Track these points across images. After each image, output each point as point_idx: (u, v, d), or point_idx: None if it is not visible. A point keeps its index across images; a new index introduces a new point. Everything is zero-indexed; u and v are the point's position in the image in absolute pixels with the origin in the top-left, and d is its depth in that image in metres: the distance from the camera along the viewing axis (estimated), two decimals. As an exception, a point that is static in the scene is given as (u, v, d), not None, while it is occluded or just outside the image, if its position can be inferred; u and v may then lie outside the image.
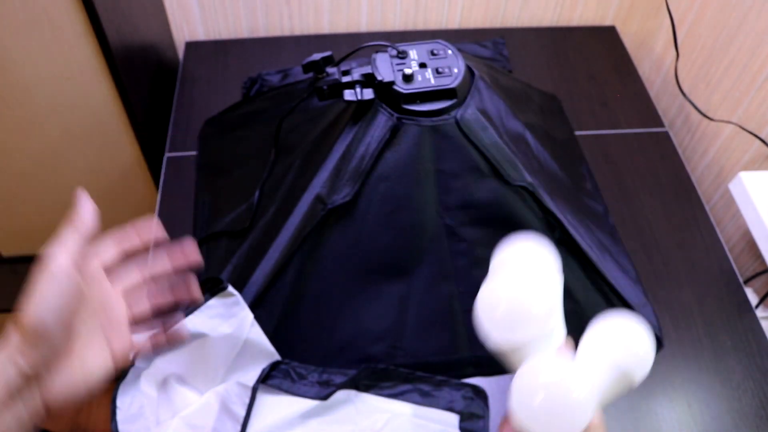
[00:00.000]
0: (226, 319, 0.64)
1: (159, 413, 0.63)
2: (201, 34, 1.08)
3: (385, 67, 0.63)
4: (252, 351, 0.65)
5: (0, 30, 0.71)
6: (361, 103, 0.63)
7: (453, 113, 0.62)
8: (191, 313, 0.63)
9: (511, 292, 0.46)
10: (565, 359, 0.45)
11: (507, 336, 0.45)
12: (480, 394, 0.67)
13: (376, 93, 0.62)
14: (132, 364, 0.61)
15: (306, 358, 0.67)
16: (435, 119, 0.61)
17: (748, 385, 0.70)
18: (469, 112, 0.62)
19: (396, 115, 0.62)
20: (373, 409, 0.65)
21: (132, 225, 0.51)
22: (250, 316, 0.64)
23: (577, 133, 0.93)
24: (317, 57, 0.63)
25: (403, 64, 0.63)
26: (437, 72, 0.62)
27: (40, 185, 0.93)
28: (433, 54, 0.64)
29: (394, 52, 0.64)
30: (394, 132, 0.62)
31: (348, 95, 0.62)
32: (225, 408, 0.64)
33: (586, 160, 0.88)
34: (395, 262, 0.66)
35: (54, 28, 0.73)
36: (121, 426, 0.59)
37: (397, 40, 0.66)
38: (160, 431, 0.62)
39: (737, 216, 0.92)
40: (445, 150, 0.62)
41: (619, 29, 1.12)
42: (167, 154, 0.89)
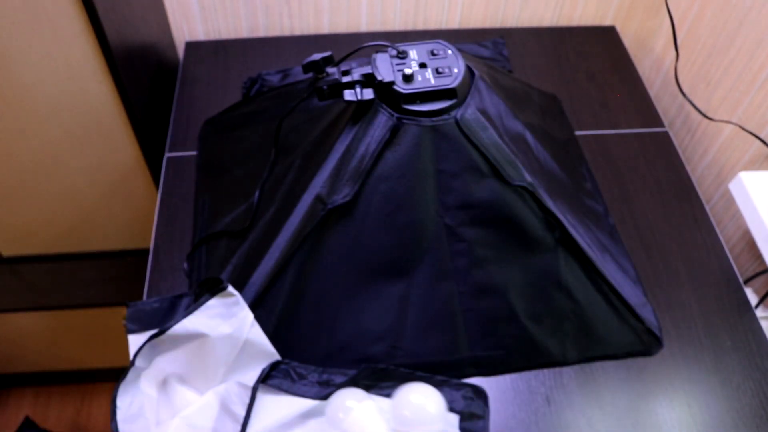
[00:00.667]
0: (227, 319, 0.64)
1: (159, 413, 0.63)
2: (201, 34, 1.08)
3: (385, 67, 0.63)
4: (252, 351, 0.65)
5: (0, 30, 0.71)
6: (361, 103, 0.63)
7: (453, 113, 0.62)
8: (191, 313, 0.63)
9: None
10: None
11: None
12: (480, 394, 0.67)
13: (376, 93, 0.62)
14: (132, 364, 0.61)
15: (306, 357, 0.67)
16: (435, 119, 0.61)
17: (748, 385, 0.70)
18: (469, 112, 0.62)
19: (396, 115, 0.62)
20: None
21: None
22: (251, 316, 0.64)
23: (577, 133, 0.93)
24: (317, 57, 0.63)
25: (403, 64, 0.63)
26: (437, 72, 0.62)
27: (40, 185, 0.93)
28: (433, 54, 0.64)
29: (394, 52, 0.64)
30: (394, 132, 0.62)
31: (348, 95, 0.62)
32: (225, 408, 0.64)
33: (586, 160, 0.88)
34: (395, 262, 0.66)
35: (54, 28, 0.73)
36: (121, 426, 0.59)
37: (397, 40, 0.66)
38: (160, 430, 0.62)
39: (737, 216, 0.92)
40: (445, 150, 0.62)
41: (619, 29, 1.12)
42: (167, 154, 0.89)
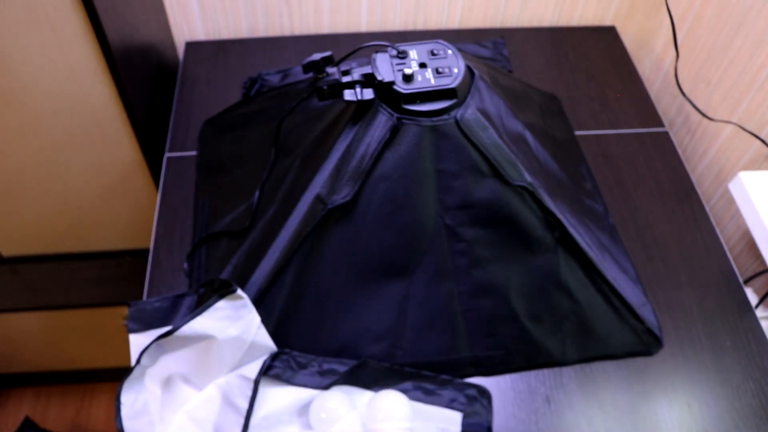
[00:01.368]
0: (234, 321, 0.63)
1: (163, 410, 0.63)
2: (201, 34, 1.08)
3: (385, 67, 0.63)
4: (257, 353, 0.65)
5: (0, 30, 0.71)
6: (361, 103, 0.63)
7: (453, 113, 0.62)
8: (200, 314, 0.63)
9: None
10: None
11: None
12: (483, 393, 0.67)
13: (376, 93, 0.62)
14: (138, 362, 0.61)
15: (311, 351, 0.67)
16: (435, 119, 0.61)
17: (748, 385, 0.70)
18: (469, 112, 0.62)
19: (396, 115, 0.62)
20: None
21: None
22: (257, 318, 0.64)
23: (577, 133, 0.93)
24: (317, 57, 0.63)
25: (403, 64, 0.63)
26: (437, 72, 0.62)
27: (40, 185, 0.93)
28: (433, 54, 0.64)
29: (394, 52, 0.64)
30: (394, 132, 0.62)
31: (348, 95, 0.62)
32: (227, 401, 0.64)
33: (586, 160, 0.88)
34: (395, 262, 0.66)
35: (54, 28, 0.73)
36: (125, 422, 0.60)
37: (397, 40, 0.66)
38: (164, 427, 0.62)
39: (737, 216, 0.92)
40: (445, 150, 0.62)
41: (619, 29, 1.12)
42: (167, 154, 0.89)
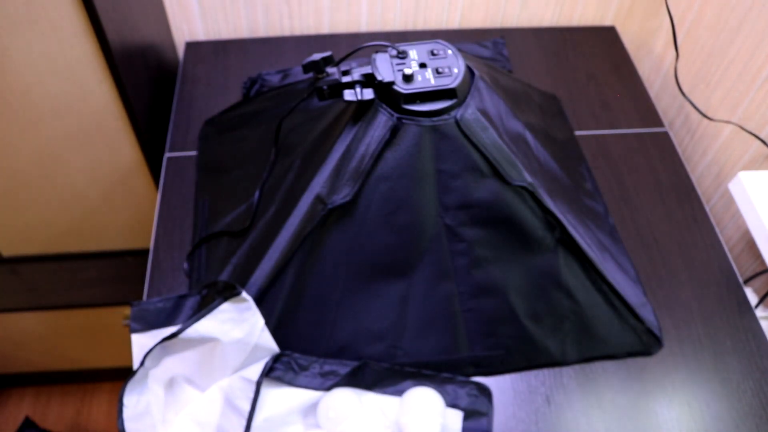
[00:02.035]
0: (238, 324, 0.63)
1: (165, 412, 0.63)
2: (201, 34, 1.08)
3: (385, 67, 0.63)
4: (260, 355, 0.65)
5: (0, 30, 0.71)
6: (361, 103, 0.63)
7: (453, 113, 0.62)
8: (203, 317, 0.63)
9: None
10: None
11: None
12: (484, 391, 0.67)
13: (376, 93, 0.62)
14: (141, 363, 0.61)
15: (313, 349, 0.67)
16: (435, 119, 0.61)
17: (748, 385, 0.70)
18: (469, 112, 0.62)
19: (396, 115, 0.62)
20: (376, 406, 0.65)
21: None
22: (261, 321, 0.64)
23: (577, 133, 0.93)
24: (317, 57, 0.63)
25: (403, 64, 0.63)
26: (437, 72, 0.62)
27: (40, 185, 0.93)
28: (433, 54, 0.64)
29: (394, 52, 0.64)
30: (394, 132, 0.62)
31: (348, 95, 0.62)
32: (229, 403, 0.64)
33: (586, 159, 0.88)
34: (395, 262, 0.66)
35: (54, 28, 0.73)
36: (127, 424, 0.59)
37: (397, 40, 0.66)
38: (166, 429, 0.62)
39: (737, 216, 0.92)
40: (445, 150, 0.62)
41: (619, 29, 1.12)
42: (167, 154, 0.89)
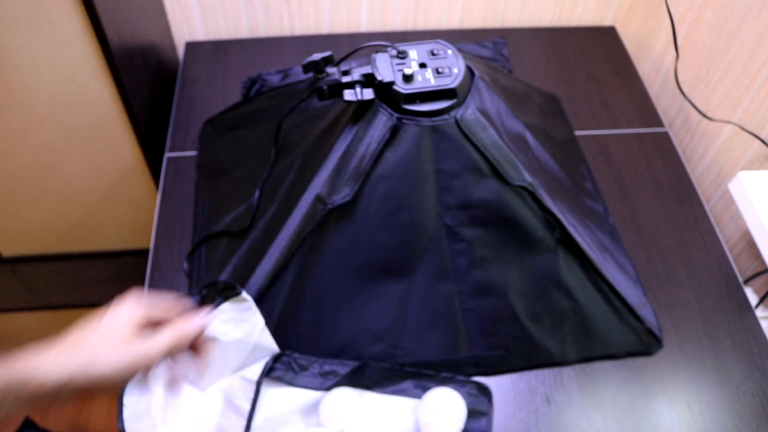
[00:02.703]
0: (238, 324, 0.63)
1: (165, 412, 0.63)
2: (201, 34, 1.08)
3: (385, 67, 0.63)
4: (260, 355, 0.65)
5: (0, 30, 0.71)
6: (361, 103, 0.63)
7: (453, 113, 0.62)
8: None
9: None
10: None
11: None
12: (484, 391, 0.67)
13: (376, 93, 0.62)
14: None
15: (311, 350, 0.67)
16: (435, 119, 0.61)
17: (748, 385, 0.70)
18: (469, 112, 0.62)
19: (396, 115, 0.62)
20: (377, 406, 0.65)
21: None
22: (262, 321, 0.64)
23: (577, 133, 0.93)
24: (317, 57, 0.63)
25: (403, 64, 0.63)
26: (437, 72, 0.62)
27: (40, 185, 0.93)
28: (433, 54, 0.64)
29: (394, 52, 0.64)
30: (394, 132, 0.62)
31: (348, 95, 0.62)
32: (229, 403, 0.64)
33: (586, 159, 0.88)
34: (395, 261, 0.66)
35: (54, 28, 0.73)
36: (127, 424, 0.59)
37: (397, 40, 0.66)
38: (166, 429, 0.62)
39: (737, 216, 0.92)
40: (445, 150, 0.62)
41: (618, 29, 1.12)
42: (167, 154, 0.89)
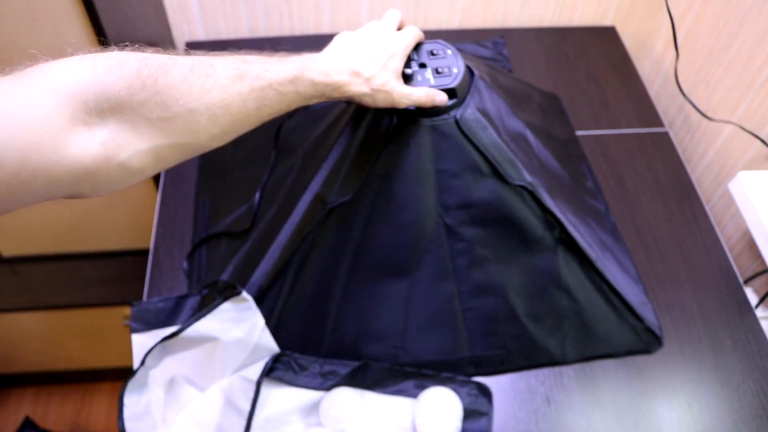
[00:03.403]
0: (238, 324, 0.63)
1: (165, 412, 0.63)
2: (201, 34, 1.08)
3: None
4: (260, 354, 0.65)
5: (0, 31, 0.71)
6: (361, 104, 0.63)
7: (452, 113, 0.62)
8: (204, 316, 0.63)
9: None
10: None
11: None
12: (484, 391, 0.67)
13: None
14: (142, 363, 0.61)
15: (307, 349, 0.67)
16: (434, 119, 0.61)
17: (748, 385, 0.70)
18: (468, 112, 0.62)
19: (396, 115, 0.62)
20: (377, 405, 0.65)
21: None
22: (262, 321, 0.64)
23: (577, 132, 0.93)
24: None
25: None
26: (437, 72, 0.62)
27: (40, 185, 0.93)
28: (432, 54, 0.64)
29: None
30: (394, 132, 0.62)
31: None
32: (229, 402, 0.64)
33: (587, 158, 0.88)
34: (395, 261, 0.66)
35: (54, 29, 0.73)
36: (127, 424, 0.60)
37: (396, 40, 0.66)
38: (166, 428, 0.62)
39: (737, 216, 0.92)
40: (445, 150, 0.62)
41: (619, 29, 1.12)
42: (167, 154, 0.89)
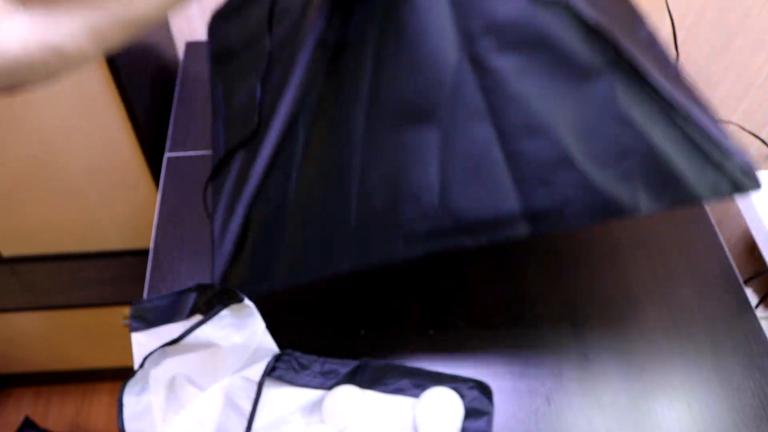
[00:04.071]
0: (239, 330, 0.63)
1: (166, 411, 0.63)
2: (201, 34, 1.08)
3: None
4: (260, 356, 0.65)
5: None
6: None
7: None
8: (203, 324, 0.63)
9: None
10: None
11: None
12: (485, 390, 0.66)
13: None
14: (141, 366, 0.61)
15: (330, 228, 0.59)
16: None
17: (748, 385, 0.70)
18: None
19: None
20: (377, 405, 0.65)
21: None
22: (262, 325, 0.64)
23: (577, 132, 0.92)
24: None
25: None
26: None
27: (40, 185, 0.93)
28: None
29: None
30: None
31: None
32: (230, 402, 0.64)
33: (640, 16, 0.70)
34: (416, 106, 0.56)
35: (54, 28, 0.73)
36: (127, 424, 0.59)
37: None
38: (166, 428, 0.62)
39: (737, 216, 0.92)
40: None
41: (619, 29, 1.11)
42: (167, 154, 0.89)
